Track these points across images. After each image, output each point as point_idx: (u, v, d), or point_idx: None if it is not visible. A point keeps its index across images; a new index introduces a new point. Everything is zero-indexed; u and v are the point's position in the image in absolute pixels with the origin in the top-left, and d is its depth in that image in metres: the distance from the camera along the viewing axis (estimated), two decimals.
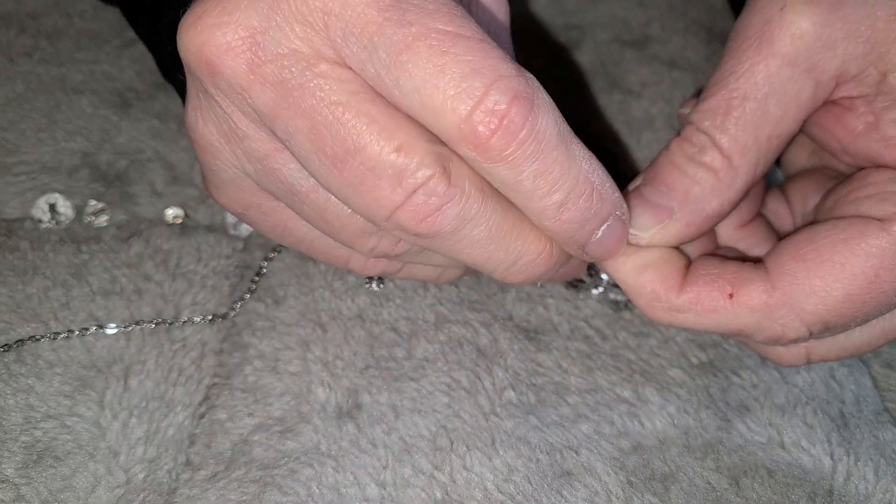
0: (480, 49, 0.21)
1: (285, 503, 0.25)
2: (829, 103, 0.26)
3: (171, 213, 0.33)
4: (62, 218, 0.33)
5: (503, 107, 0.20)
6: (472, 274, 0.31)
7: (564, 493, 0.25)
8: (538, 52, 0.42)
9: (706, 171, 0.25)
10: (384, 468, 0.26)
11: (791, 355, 0.27)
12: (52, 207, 0.33)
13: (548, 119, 0.21)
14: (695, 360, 0.29)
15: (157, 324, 0.30)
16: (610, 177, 0.24)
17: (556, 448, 0.27)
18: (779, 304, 0.25)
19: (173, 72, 0.30)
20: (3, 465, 0.26)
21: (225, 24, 0.21)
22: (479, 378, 0.28)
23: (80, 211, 0.34)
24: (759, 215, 0.29)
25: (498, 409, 0.27)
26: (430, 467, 0.26)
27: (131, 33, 0.42)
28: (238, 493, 0.25)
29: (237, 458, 0.26)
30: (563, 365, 0.29)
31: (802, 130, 0.27)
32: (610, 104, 0.39)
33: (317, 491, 0.25)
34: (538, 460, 0.26)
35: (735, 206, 0.26)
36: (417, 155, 0.21)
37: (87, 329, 0.29)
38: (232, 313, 0.30)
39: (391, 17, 0.21)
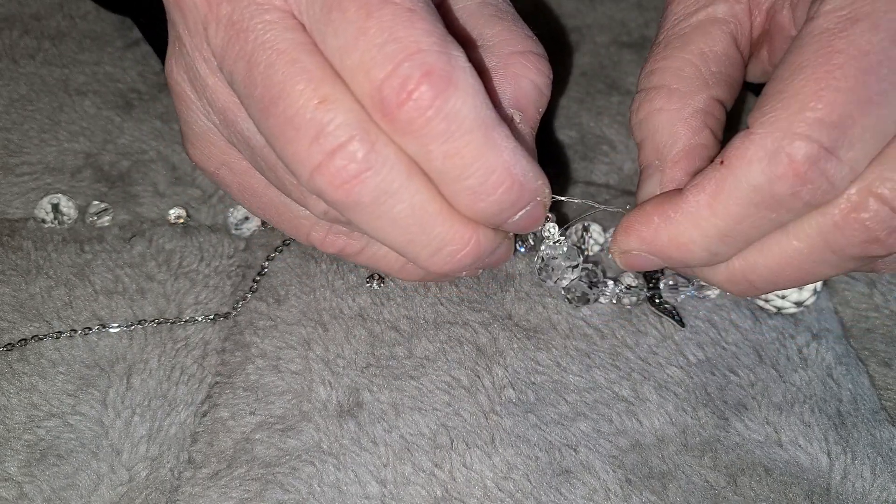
0: (407, 18, 0.20)
1: (287, 501, 0.25)
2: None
3: (174, 213, 0.34)
4: (65, 218, 0.33)
5: (414, 81, 0.20)
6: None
7: (563, 490, 0.26)
8: None
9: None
10: (385, 466, 0.26)
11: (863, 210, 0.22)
12: (56, 207, 0.33)
13: (464, 101, 0.21)
14: (693, 359, 0.29)
15: (159, 323, 0.30)
16: (534, 163, 0.23)
17: (555, 446, 0.27)
18: (773, 133, 0.22)
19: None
20: (7, 464, 0.26)
21: None
22: (478, 377, 0.29)
23: (82, 211, 0.34)
24: None
25: (497, 408, 0.28)
26: (430, 465, 0.26)
27: (134, 34, 0.42)
28: (240, 491, 0.25)
29: (239, 456, 0.26)
30: (561, 363, 0.29)
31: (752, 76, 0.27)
32: (609, 106, 0.39)
33: (318, 489, 0.25)
34: (537, 458, 0.26)
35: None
36: (341, 113, 0.21)
37: (89, 328, 0.30)
38: (234, 312, 0.31)
39: None
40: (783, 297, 0.30)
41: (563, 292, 0.31)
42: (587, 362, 0.29)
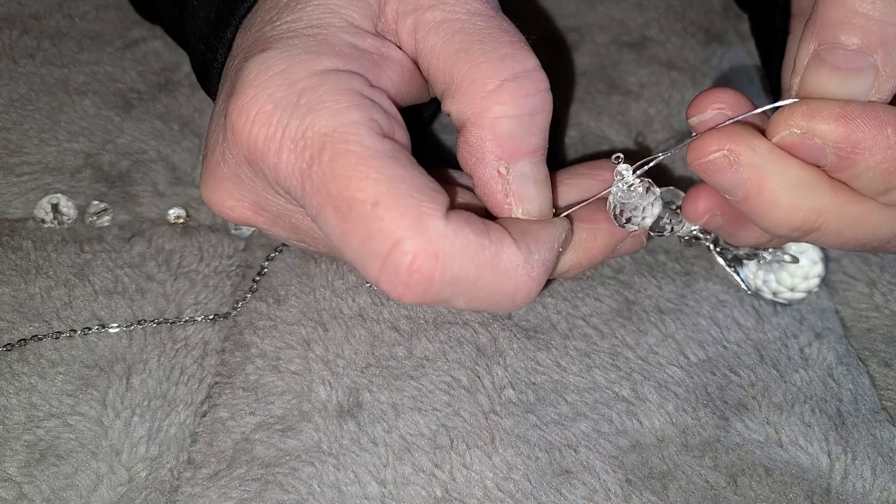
0: (370, 212, 0.21)
1: (287, 501, 0.25)
2: None
3: (174, 213, 0.34)
4: (65, 218, 0.33)
5: (403, 273, 0.21)
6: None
7: (563, 491, 0.26)
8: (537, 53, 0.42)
9: None
10: (385, 466, 0.26)
11: None
12: (55, 207, 0.33)
13: (460, 262, 0.22)
14: (693, 358, 0.29)
15: (159, 323, 0.30)
16: (550, 227, 0.24)
17: (555, 446, 0.27)
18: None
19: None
20: (6, 464, 0.26)
21: (221, 191, 0.25)
22: (478, 377, 0.28)
23: (82, 211, 0.34)
24: None
25: (497, 408, 0.28)
26: (430, 465, 0.26)
27: (133, 34, 0.42)
28: (239, 492, 0.25)
29: (239, 457, 0.26)
30: (561, 363, 0.29)
31: None
32: (609, 105, 0.39)
33: (318, 489, 0.25)
34: (537, 458, 0.26)
35: None
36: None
37: (89, 328, 0.30)
38: (234, 312, 0.31)
39: (304, 185, 0.22)
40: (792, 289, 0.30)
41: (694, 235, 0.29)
42: (587, 362, 0.29)
